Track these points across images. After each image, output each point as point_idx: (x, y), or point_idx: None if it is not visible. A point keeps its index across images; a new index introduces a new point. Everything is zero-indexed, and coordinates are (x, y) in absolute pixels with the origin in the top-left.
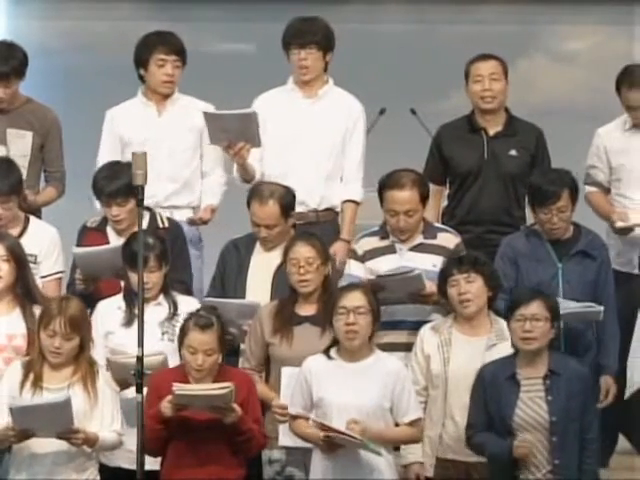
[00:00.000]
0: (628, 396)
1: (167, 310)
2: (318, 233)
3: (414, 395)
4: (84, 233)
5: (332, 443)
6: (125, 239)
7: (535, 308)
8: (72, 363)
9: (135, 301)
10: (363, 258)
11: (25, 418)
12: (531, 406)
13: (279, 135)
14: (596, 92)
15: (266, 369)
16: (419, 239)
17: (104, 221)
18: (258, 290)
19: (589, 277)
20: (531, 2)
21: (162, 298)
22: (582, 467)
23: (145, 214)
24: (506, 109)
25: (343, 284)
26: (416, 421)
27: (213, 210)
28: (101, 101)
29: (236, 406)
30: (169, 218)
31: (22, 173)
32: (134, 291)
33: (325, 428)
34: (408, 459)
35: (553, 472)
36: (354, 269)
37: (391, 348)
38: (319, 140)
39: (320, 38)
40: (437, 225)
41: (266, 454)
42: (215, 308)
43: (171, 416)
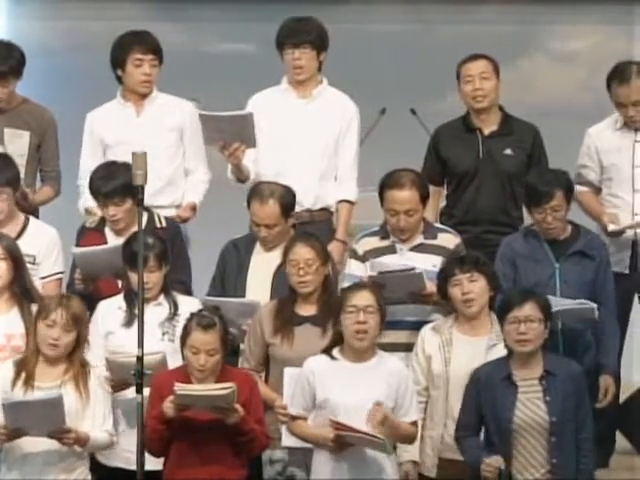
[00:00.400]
0: (628, 396)
1: (167, 310)
2: (314, 233)
3: (415, 396)
4: (83, 233)
5: (341, 442)
6: (124, 239)
7: (529, 310)
8: (65, 362)
9: (136, 301)
10: (363, 258)
11: (17, 415)
12: (530, 407)
13: (273, 135)
14: (596, 92)
15: (265, 369)
16: (419, 239)
17: (103, 221)
18: (258, 290)
19: (587, 277)
20: (531, 2)
21: (162, 298)
22: (578, 467)
23: (143, 214)
24: (501, 108)
25: (344, 284)
26: (416, 422)
27: (193, 208)
28: (101, 101)
29: (238, 406)
30: (167, 218)
31: (20, 171)
32: (134, 291)
33: (340, 427)
34: (403, 457)
35: (551, 472)
36: (354, 269)
37: (391, 348)
38: (313, 140)
39: (314, 38)
40: (437, 225)
41: (267, 454)
42: (218, 308)
43: (174, 416)
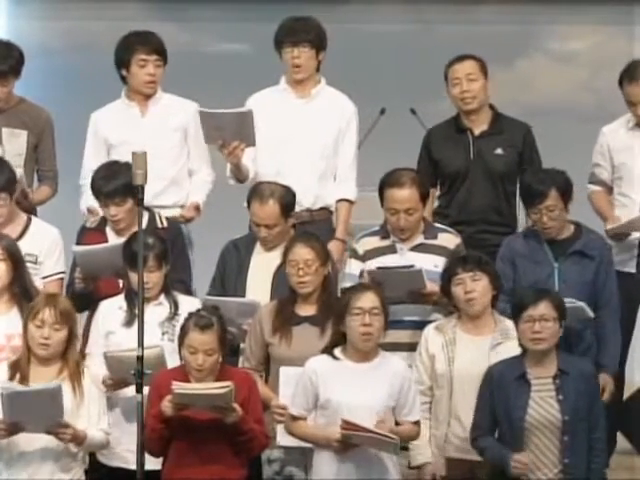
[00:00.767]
0: (628, 396)
1: (168, 310)
2: (314, 233)
3: (418, 395)
4: (83, 233)
5: (347, 443)
6: (125, 238)
7: (543, 308)
8: (59, 361)
9: (136, 301)
10: (364, 258)
11: (16, 406)
12: (543, 406)
13: (272, 135)
14: (596, 92)
15: (266, 369)
16: (420, 239)
17: (103, 221)
18: (258, 290)
19: (587, 277)
20: (531, 2)
21: (163, 298)
22: (590, 467)
23: (144, 214)
24: (492, 107)
25: (344, 284)
26: (418, 422)
27: (197, 208)
28: (101, 101)
29: (237, 406)
30: (168, 218)
31: (17, 172)
32: (135, 291)
33: (351, 427)
34: (418, 460)
35: (563, 472)
36: (355, 269)
37: (392, 348)
38: (312, 140)
39: (313, 37)
40: (438, 225)
41: (265, 453)
42: (217, 308)
43: (172, 416)
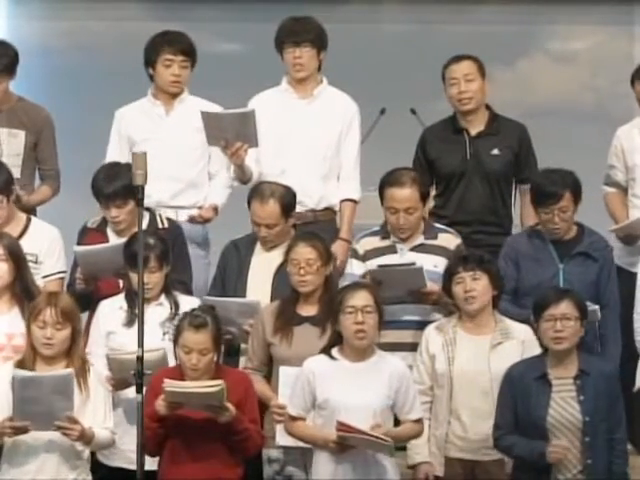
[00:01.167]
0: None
1: (168, 310)
2: (317, 233)
3: (417, 393)
4: (84, 233)
5: (344, 444)
6: (126, 239)
7: (565, 307)
8: (64, 359)
9: (136, 301)
10: (364, 258)
11: (27, 392)
12: (564, 406)
13: (275, 136)
14: (596, 92)
15: (269, 369)
16: (420, 239)
17: (104, 221)
18: (258, 290)
19: (590, 278)
20: (531, 2)
21: (163, 298)
22: (611, 467)
23: (145, 214)
24: (488, 107)
25: (345, 283)
26: (420, 420)
27: (215, 209)
28: (101, 101)
29: (230, 405)
30: (169, 219)
31: (14, 173)
32: (135, 291)
33: (346, 429)
34: (415, 459)
35: (584, 472)
36: (355, 268)
37: (392, 348)
38: (315, 140)
39: (314, 37)
40: (438, 226)
41: (265, 453)
42: (213, 307)
43: (167, 415)
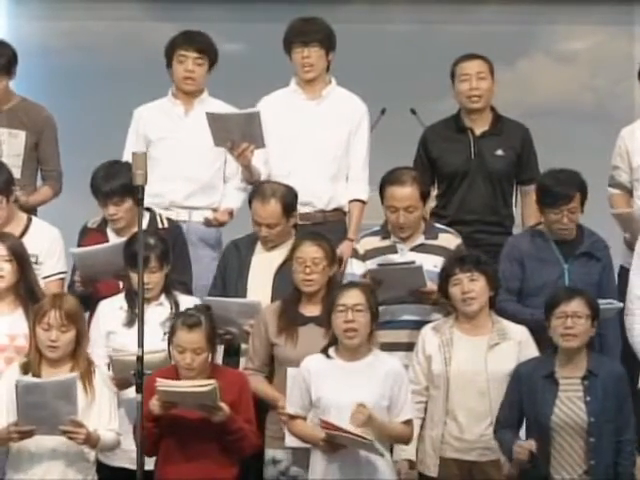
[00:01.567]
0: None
1: (169, 310)
2: (326, 233)
3: (410, 395)
4: (85, 233)
5: (333, 443)
6: (125, 238)
7: (576, 305)
8: (69, 361)
9: (137, 301)
10: (364, 258)
11: (30, 398)
12: (569, 406)
13: (284, 137)
14: (596, 92)
15: (271, 370)
16: (420, 239)
17: (104, 222)
18: (259, 290)
19: (594, 278)
20: (531, 2)
21: (164, 298)
22: (617, 469)
23: (145, 214)
24: (492, 108)
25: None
26: (409, 421)
27: (231, 213)
28: (101, 101)
29: (223, 405)
30: (169, 219)
31: (14, 173)
32: (135, 291)
33: (329, 427)
34: (401, 455)
35: (588, 473)
36: (356, 268)
37: (391, 348)
38: (324, 141)
39: (322, 37)
40: (438, 226)
41: (270, 454)
42: (208, 307)
43: (161, 414)
